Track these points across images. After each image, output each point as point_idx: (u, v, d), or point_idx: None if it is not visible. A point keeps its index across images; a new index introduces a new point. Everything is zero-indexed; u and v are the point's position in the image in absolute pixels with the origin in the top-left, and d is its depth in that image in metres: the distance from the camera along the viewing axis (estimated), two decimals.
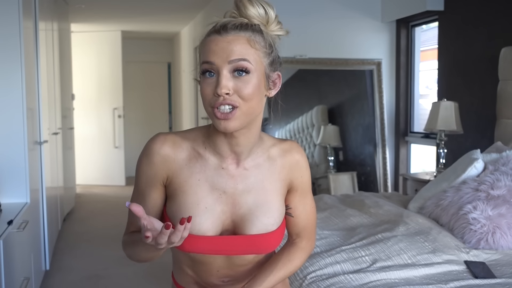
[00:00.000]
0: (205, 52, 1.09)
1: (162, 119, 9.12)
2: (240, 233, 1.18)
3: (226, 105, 1.07)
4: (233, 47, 1.07)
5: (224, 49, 1.06)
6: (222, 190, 1.16)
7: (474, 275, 1.98)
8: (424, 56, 4.84)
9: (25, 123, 3.07)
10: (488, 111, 3.69)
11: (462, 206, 2.47)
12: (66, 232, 5.03)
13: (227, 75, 1.07)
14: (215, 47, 1.07)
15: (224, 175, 1.16)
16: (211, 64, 1.07)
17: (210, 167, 1.16)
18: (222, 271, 1.23)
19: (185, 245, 1.12)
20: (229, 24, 1.08)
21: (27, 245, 2.93)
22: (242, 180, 1.17)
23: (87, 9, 6.16)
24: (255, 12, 1.12)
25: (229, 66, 1.07)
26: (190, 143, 1.18)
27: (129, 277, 3.80)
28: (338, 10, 4.77)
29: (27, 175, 3.09)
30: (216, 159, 1.16)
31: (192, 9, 6.21)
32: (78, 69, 7.30)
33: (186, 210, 1.14)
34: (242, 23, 1.10)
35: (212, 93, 1.08)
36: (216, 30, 1.09)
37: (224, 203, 1.16)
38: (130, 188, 7.61)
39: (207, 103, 1.10)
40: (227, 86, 1.06)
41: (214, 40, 1.08)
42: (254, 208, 1.17)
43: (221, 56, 1.06)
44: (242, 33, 1.08)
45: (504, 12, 3.60)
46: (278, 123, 4.69)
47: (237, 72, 1.07)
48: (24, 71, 3.05)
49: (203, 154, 1.16)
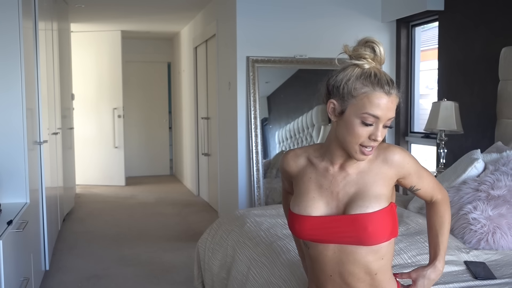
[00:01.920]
0: (373, 106, 1.34)
1: (162, 119, 9.12)
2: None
3: (373, 147, 1.39)
4: (393, 107, 1.36)
5: (389, 108, 1.35)
6: (327, 187, 1.47)
7: (474, 276, 1.98)
8: (424, 56, 4.84)
9: (24, 123, 3.07)
10: (488, 111, 3.69)
11: (462, 206, 2.47)
12: (66, 232, 5.03)
13: (382, 128, 1.37)
14: (383, 105, 1.34)
15: (329, 177, 1.47)
16: (375, 118, 1.35)
17: (319, 171, 1.49)
18: (335, 277, 1.46)
19: (294, 225, 1.47)
20: (390, 82, 1.35)
21: (26, 245, 2.92)
22: (343, 180, 1.46)
23: (87, 9, 6.16)
24: (384, 55, 1.39)
25: (386, 122, 1.37)
26: (306, 154, 1.54)
27: (129, 277, 3.80)
28: (338, 10, 4.77)
29: (27, 175, 3.09)
30: (325, 165, 1.49)
31: (192, 9, 6.21)
32: (78, 69, 7.29)
33: (298, 197, 1.49)
34: (392, 80, 1.37)
35: (366, 136, 1.36)
36: (382, 87, 1.34)
37: (328, 197, 1.46)
38: (130, 188, 7.62)
39: (358, 141, 1.37)
40: (382, 136, 1.37)
41: (383, 98, 1.34)
42: (353, 198, 1.44)
43: (385, 114, 1.35)
44: (396, 92, 1.37)
45: (504, 12, 3.60)
46: (278, 123, 4.69)
47: (386, 126, 1.38)
48: (23, 71, 3.05)
49: (315, 162, 1.51)
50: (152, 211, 6.11)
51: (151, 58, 8.97)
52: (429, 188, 1.55)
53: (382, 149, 1.47)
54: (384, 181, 1.45)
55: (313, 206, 1.46)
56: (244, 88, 4.61)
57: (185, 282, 3.66)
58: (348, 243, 1.41)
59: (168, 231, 5.13)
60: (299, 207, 1.47)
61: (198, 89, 6.80)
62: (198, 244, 2.96)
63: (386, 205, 1.43)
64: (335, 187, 1.46)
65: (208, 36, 5.90)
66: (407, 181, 1.50)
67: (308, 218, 1.45)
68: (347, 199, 1.44)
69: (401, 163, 1.47)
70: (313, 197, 1.47)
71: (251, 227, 2.61)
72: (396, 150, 1.47)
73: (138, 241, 4.74)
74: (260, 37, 4.62)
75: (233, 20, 4.69)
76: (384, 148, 1.47)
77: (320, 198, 1.46)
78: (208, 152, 6.30)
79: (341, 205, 1.44)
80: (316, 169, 1.50)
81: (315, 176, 1.49)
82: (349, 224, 1.40)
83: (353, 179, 1.45)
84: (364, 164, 1.46)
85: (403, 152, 1.48)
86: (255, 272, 2.23)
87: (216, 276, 2.67)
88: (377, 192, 1.43)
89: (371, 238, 1.38)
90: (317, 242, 1.45)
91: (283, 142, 4.71)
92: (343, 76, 1.39)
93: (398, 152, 1.47)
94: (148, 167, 9.03)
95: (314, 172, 1.50)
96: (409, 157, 1.49)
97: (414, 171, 1.50)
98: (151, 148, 9.06)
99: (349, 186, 1.45)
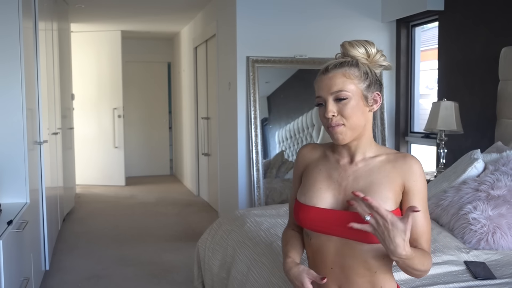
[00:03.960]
0: (316, 89, 1.46)
1: (162, 119, 9.12)
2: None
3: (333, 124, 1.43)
4: (334, 82, 1.42)
5: (327, 85, 1.43)
6: (336, 179, 1.49)
7: (474, 276, 1.98)
8: (424, 56, 4.84)
9: (24, 123, 3.07)
10: (488, 111, 3.69)
11: (462, 206, 2.47)
12: (66, 232, 5.03)
13: (331, 103, 1.42)
14: (321, 84, 1.45)
15: (339, 169, 1.50)
16: (319, 97, 1.44)
17: (331, 163, 1.53)
18: (336, 270, 1.45)
19: (299, 213, 1.49)
20: (330, 65, 1.45)
21: (26, 245, 2.92)
22: (353, 173, 1.47)
23: (87, 9, 6.16)
24: (356, 52, 1.46)
25: (331, 96, 1.42)
26: (323, 148, 1.58)
27: (129, 277, 3.80)
28: (338, 10, 4.77)
29: (27, 175, 3.09)
30: (335, 158, 1.52)
31: (192, 9, 6.21)
32: (78, 69, 7.30)
33: (306, 187, 1.52)
34: (338, 62, 1.44)
35: (324, 117, 1.44)
36: (322, 71, 1.45)
37: (336, 189, 1.47)
38: (130, 188, 7.62)
39: (325, 126, 1.46)
40: (332, 110, 1.42)
41: (320, 79, 1.45)
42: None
43: (325, 90, 1.43)
44: (339, 70, 1.43)
45: (504, 12, 3.60)
46: (278, 123, 4.69)
47: (338, 100, 1.42)
48: (23, 71, 3.05)
49: (328, 155, 1.55)
50: (152, 211, 6.11)
51: (151, 58, 8.97)
52: (418, 228, 1.41)
53: (398, 155, 1.47)
54: (391, 185, 1.43)
55: (319, 197, 1.47)
56: (244, 88, 4.61)
57: (185, 282, 3.66)
58: (350, 238, 1.42)
59: (168, 231, 5.13)
60: (305, 196, 1.49)
61: (198, 89, 6.80)
62: (198, 244, 2.96)
63: (392, 209, 1.41)
64: (344, 179, 1.47)
65: (208, 36, 5.90)
66: (403, 199, 1.43)
67: (313, 209, 1.47)
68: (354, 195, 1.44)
69: (410, 174, 1.43)
70: (319, 188, 1.49)
71: (251, 227, 2.61)
72: (412, 161, 1.45)
73: (138, 241, 4.74)
74: (260, 37, 4.62)
75: (233, 20, 4.69)
76: (402, 155, 1.47)
77: (327, 190, 1.48)
78: (208, 152, 6.30)
79: (348, 199, 1.44)
80: (328, 161, 1.53)
81: (326, 168, 1.52)
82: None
83: (362, 175, 1.46)
84: (375, 162, 1.47)
85: (417, 165, 1.44)
86: (255, 272, 2.23)
87: (216, 276, 2.67)
88: (384, 194, 1.42)
89: (373, 237, 1.38)
90: (320, 233, 1.46)
91: (283, 142, 4.71)
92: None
93: (412, 163, 1.44)
94: (148, 167, 9.03)
95: (326, 164, 1.53)
96: (420, 176, 1.44)
97: (415, 194, 1.43)
98: (151, 148, 9.06)
99: (357, 182, 1.45)
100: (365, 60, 1.47)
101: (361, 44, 1.48)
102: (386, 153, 1.49)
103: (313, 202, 1.48)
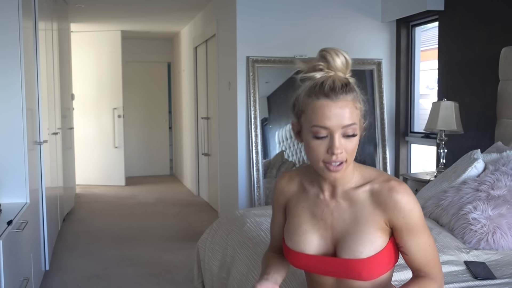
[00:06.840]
0: (318, 117, 1.20)
1: (162, 119, 9.12)
2: (337, 256, 1.32)
3: (338, 161, 1.23)
4: (345, 113, 1.20)
5: (337, 116, 1.19)
6: (320, 217, 1.34)
7: (474, 276, 1.98)
8: (424, 56, 4.84)
9: (24, 123, 3.07)
10: (488, 111, 3.69)
11: (462, 206, 2.47)
12: (66, 232, 5.03)
13: (339, 138, 1.21)
14: (329, 113, 1.19)
15: (321, 205, 1.34)
16: (326, 129, 1.21)
17: (311, 198, 1.36)
18: None
19: (289, 258, 1.37)
20: (337, 87, 1.20)
21: (26, 245, 2.92)
22: (336, 210, 1.32)
23: (87, 9, 6.16)
24: (339, 62, 1.23)
25: (341, 130, 1.20)
26: (299, 177, 1.40)
27: (129, 277, 3.80)
28: (338, 10, 4.77)
29: (27, 175, 3.09)
30: (315, 191, 1.36)
31: (192, 9, 6.21)
32: (78, 69, 7.29)
33: (291, 230, 1.37)
34: (344, 84, 1.21)
35: (325, 151, 1.22)
36: (326, 94, 1.20)
37: (322, 227, 1.33)
38: (130, 188, 7.62)
39: (319, 159, 1.24)
40: (341, 147, 1.21)
41: (327, 106, 1.20)
42: (346, 235, 1.30)
43: (336, 122, 1.20)
44: (349, 97, 1.21)
45: (504, 12, 3.60)
46: (278, 123, 4.69)
47: (347, 136, 1.22)
48: (23, 71, 3.05)
49: (307, 188, 1.38)
50: (152, 211, 6.11)
51: (151, 58, 8.97)
52: (419, 261, 1.31)
53: (383, 186, 1.29)
54: (377, 223, 1.28)
55: (306, 241, 1.34)
56: (244, 88, 4.61)
57: (185, 282, 3.66)
58: (346, 278, 1.33)
59: (168, 231, 5.13)
60: (292, 242, 1.36)
61: (198, 89, 6.80)
62: (198, 244, 2.96)
63: (383, 247, 1.28)
64: (328, 216, 1.33)
65: (208, 36, 5.90)
66: (394, 234, 1.31)
67: (303, 256, 1.34)
68: (341, 233, 1.32)
69: (397, 211, 1.27)
70: (305, 230, 1.34)
71: (251, 227, 2.61)
72: (398, 196, 1.26)
73: (138, 241, 4.74)
74: (260, 37, 4.62)
75: (233, 20, 4.68)
76: (387, 187, 1.28)
77: (313, 231, 1.34)
78: (208, 152, 6.30)
79: (336, 236, 1.32)
80: (308, 196, 1.37)
81: (307, 205, 1.36)
82: (343, 268, 1.30)
83: (346, 210, 1.31)
84: (358, 196, 1.31)
85: (404, 199, 1.26)
86: (255, 272, 2.23)
87: (216, 276, 2.67)
88: (372, 233, 1.28)
89: (367, 278, 1.30)
90: (314, 273, 1.38)
91: (283, 142, 4.71)
92: (297, 93, 1.28)
93: (398, 198, 1.26)
94: (148, 167, 9.03)
95: (307, 200, 1.37)
96: (410, 210, 1.26)
97: (409, 229, 1.29)
98: (151, 148, 9.06)
99: (342, 218, 1.31)
100: (343, 74, 1.25)
101: (341, 53, 1.26)
102: (371, 180, 1.32)
103: (300, 248, 1.34)
